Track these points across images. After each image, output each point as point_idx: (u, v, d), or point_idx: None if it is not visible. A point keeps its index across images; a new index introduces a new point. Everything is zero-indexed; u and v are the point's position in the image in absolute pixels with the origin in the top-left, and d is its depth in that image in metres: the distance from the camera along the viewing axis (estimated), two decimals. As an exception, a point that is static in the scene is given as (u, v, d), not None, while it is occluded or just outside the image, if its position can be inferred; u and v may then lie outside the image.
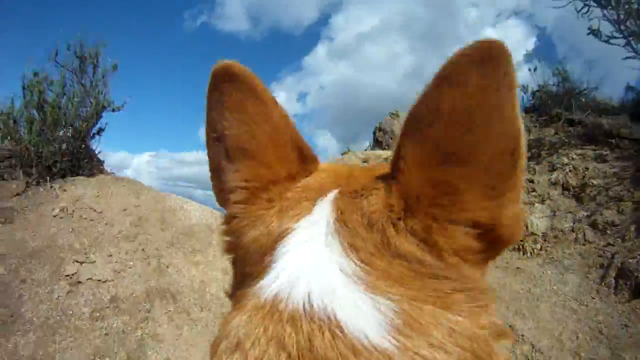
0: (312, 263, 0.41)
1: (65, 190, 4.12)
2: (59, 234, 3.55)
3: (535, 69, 8.09)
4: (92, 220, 3.78)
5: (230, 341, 0.39)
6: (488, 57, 0.37)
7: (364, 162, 10.47)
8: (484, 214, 0.41)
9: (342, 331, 0.36)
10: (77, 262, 3.29)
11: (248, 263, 0.49)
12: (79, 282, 3.24)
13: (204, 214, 4.42)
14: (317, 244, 0.43)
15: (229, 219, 0.54)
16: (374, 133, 13.56)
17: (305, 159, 0.55)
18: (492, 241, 0.44)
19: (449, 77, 0.39)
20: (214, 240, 4.07)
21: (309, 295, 0.39)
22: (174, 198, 4.49)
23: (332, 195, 0.48)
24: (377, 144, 13.21)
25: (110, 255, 3.59)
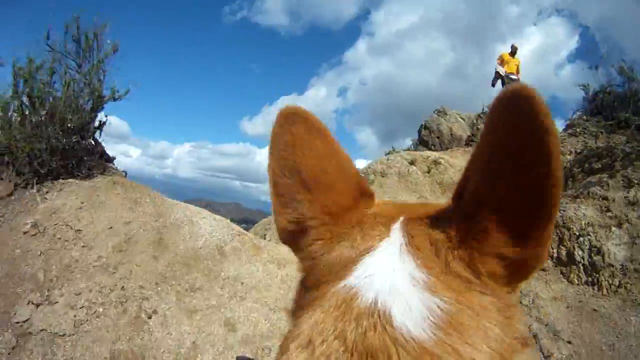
0: (387, 272, 0.47)
1: (45, 199, 3.36)
2: (23, 257, 2.82)
3: (596, 67, 7.07)
4: (66, 241, 3.04)
5: (302, 339, 0.44)
6: (516, 109, 0.40)
7: (411, 163, 9.48)
8: (509, 252, 0.47)
9: (390, 325, 0.41)
10: (32, 303, 2.54)
11: (328, 274, 0.52)
12: (29, 334, 2.48)
13: (217, 229, 3.57)
14: (395, 259, 0.49)
15: (310, 243, 0.56)
16: (419, 132, 12.73)
17: (365, 194, 0.62)
18: (517, 269, 0.48)
19: (487, 125, 0.45)
20: (225, 270, 3.24)
21: (377, 295, 0.44)
22: (182, 209, 3.70)
23: (401, 221, 0.54)
24: (423, 142, 12.35)
25: (79, 294, 2.79)
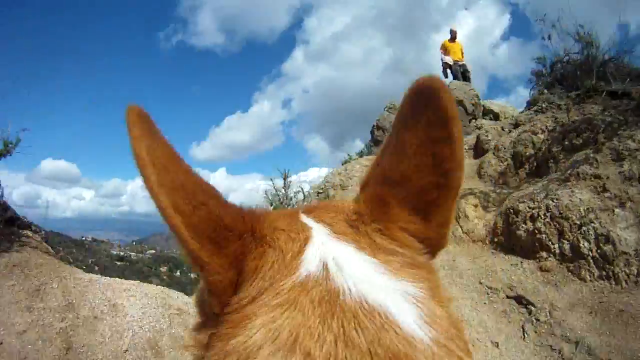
0: (343, 259, 0.45)
1: None
2: None
3: (549, 37, 6.70)
4: None
5: (283, 346, 0.37)
6: (420, 94, 0.46)
7: None
8: (411, 226, 0.49)
9: (398, 326, 0.39)
10: None
11: (263, 278, 0.45)
12: None
13: (149, 311, 2.65)
14: (336, 247, 0.47)
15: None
16: (372, 132, 12.05)
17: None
18: (425, 244, 0.51)
19: (398, 114, 0.50)
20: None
21: (356, 287, 0.41)
22: (103, 288, 2.78)
23: (304, 217, 0.53)
24: (377, 143, 11.63)
25: None
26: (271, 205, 8.57)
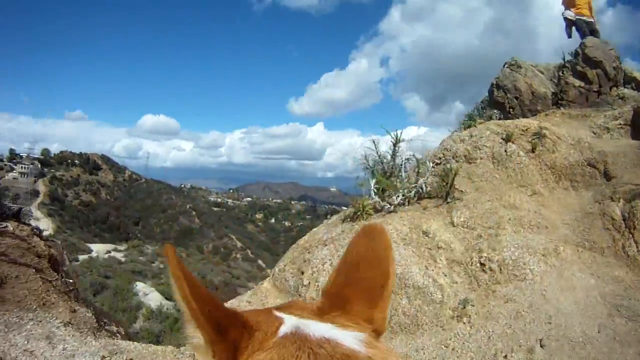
0: (310, 324, 0.64)
1: None
2: None
3: None
4: None
5: None
6: (370, 232, 0.76)
7: (506, 139, 6.74)
8: (363, 312, 0.69)
9: (345, 346, 0.58)
10: None
11: (254, 346, 0.62)
12: None
13: None
14: (302, 321, 0.65)
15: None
16: (491, 92, 9.80)
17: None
18: (372, 328, 0.69)
19: (351, 244, 0.76)
20: None
21: (319, 333, 0.61)
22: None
23: (276, 312, 0.70)
24: (496, 105, 9.51)
25: None
26: (372, 175, 6.83)
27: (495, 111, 9.74)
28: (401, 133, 7.10)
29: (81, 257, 31.48)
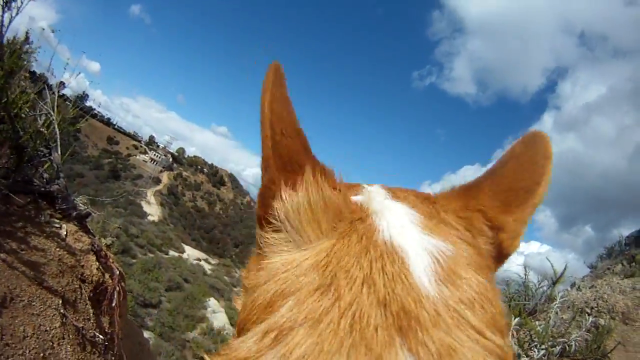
0: (391, 210, 0.53)
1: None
2: None
3: None
4: None
5: (320, 275, 0.46)
6: (532, 136, 0.64)
7: None
8: (490, 211, 0.56)
9: (412, 279, 0.45)
10: None
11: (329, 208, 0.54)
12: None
13: None
14: (393, 203, 0.56)
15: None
16: None
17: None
18: (497, 243, 0.56)
19: (508, 149, 0.65)
20: None
21: (391, 234, 0.49)
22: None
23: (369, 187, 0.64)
24: None
25: None
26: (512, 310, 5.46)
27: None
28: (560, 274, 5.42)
29: (171, 253, 32.56)
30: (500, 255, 0.56)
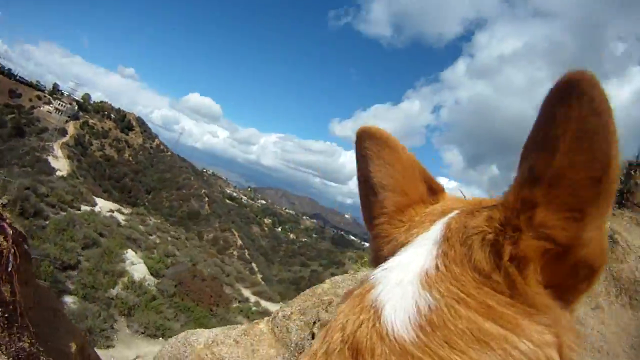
0: (404, 265, 0.53)
1: None
2: None
3: None
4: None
5: (339, 323, 0.51)
6: (569, 88, 0.41)
7: None
8: (562, 233, 0.44)
9: (379, 321, 0.46)
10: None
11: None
12: None
13: None
14: (420, 251, 0.54)
15: (375, 237, 0.69)
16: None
17: (433, 189, 0.71)
18: (576, 265, 0.46)
19: (542, 109, 0.44)
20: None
21: (383, 289, 0.51)
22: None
23: (451, 215, 0.58)
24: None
25: None
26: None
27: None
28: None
29: (83, 208, 30.91)
30: (589, 274, 0.49)
